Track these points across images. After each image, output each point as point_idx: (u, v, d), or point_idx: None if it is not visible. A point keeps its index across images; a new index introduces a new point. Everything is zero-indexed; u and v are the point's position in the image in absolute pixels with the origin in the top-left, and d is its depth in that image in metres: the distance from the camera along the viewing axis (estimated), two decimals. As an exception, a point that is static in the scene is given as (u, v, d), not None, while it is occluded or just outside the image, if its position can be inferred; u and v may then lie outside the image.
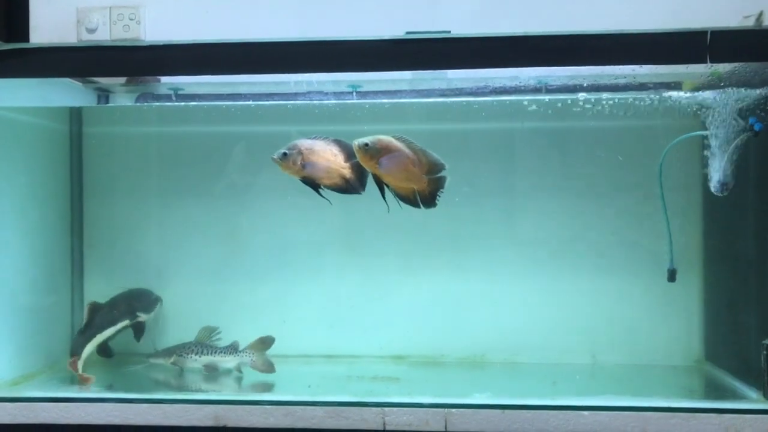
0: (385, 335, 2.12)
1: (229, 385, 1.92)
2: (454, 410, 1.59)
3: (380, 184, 1.69)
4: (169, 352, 1.98)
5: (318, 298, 2.14)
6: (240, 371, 1.94)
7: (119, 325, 1.98)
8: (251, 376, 1.93)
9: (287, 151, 1.69)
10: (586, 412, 1.57)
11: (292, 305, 2.14)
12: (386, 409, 1.60)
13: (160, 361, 1.98)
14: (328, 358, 2.11)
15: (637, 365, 2.00)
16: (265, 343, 1.95)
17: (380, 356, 2.10)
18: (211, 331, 1.98)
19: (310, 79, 1.85)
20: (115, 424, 1.64)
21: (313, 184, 1.72)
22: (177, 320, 2.13)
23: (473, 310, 2.09)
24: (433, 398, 1.64)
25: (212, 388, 1.90)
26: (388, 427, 1.59)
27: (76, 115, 2.20)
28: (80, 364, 1.88)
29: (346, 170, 1.72)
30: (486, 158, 2.08)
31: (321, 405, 1.62)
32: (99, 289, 2.15)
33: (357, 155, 1.66)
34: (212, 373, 1.93)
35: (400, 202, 1.71)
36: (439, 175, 1.72)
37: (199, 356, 1.95)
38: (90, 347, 1.93)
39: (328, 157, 1.71)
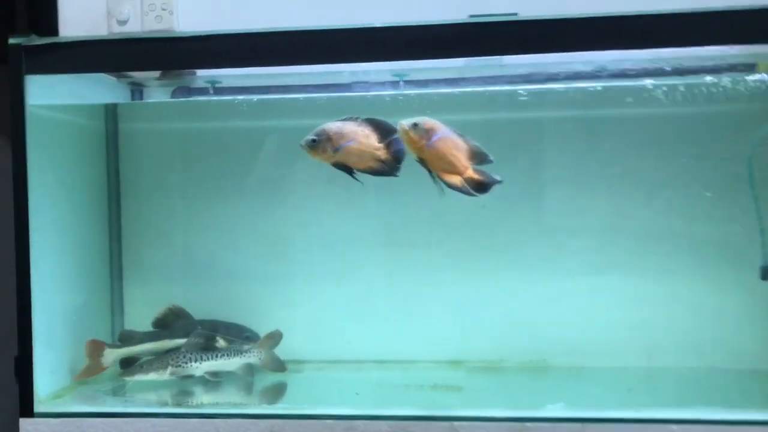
0: (440, 339, 1.99)
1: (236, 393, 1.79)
2: (529, 424, 1.48)
3: (427, 168, 1.60)
4: (161, 364, 1.76)
5: (366, 300, 2.02)
6: (251, 375, 1.81)
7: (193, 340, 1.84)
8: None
9: (316, 137, 1.59)
10: (674, 426, 1.44)
11: (339, 307, 2.03)
12: (456, 423, 1.49)
13: (152, 376, 1.75)
14: (380, 363, 1.99)
15: (717, 369, 1.85)
16: (274, 338, 1.83)
17: (436, 361, 1.98)
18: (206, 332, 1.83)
19: (359, 68, 1.75)
20: (165, 440, 1.55)
21: (346, 168, 1.63)
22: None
23: (533, 310, 1.96)
24: (506, 410, 1.52)
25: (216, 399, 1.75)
26: (459, 443, 1.49)
27: (111, 111, 2.10)
28: (112, 356, 1.78)
29: (380, 152, 1.62)
30: (549, 147, 1.95)
31: (385, 419, 1.51)
32: (139, 294, 2.07)
33: (402, 137, 1.58)
34: (215, 379, 1.77)
35: (446, 188, 1.60)
36: (484, 165, 1.62)
37: (199, 362, 1.77)
38: (150, 346, 1.83)
39: (360, 140, 1.61)
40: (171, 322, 1.88)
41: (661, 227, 1.91)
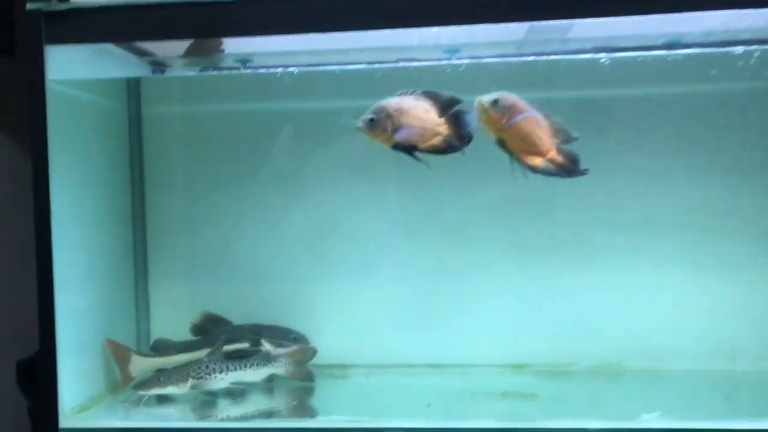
0: (500, 340, 1.81)
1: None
2: (631, 437, 1.30)
3: (508, 150, 1.42)
4: (180, 376, 1.59)
5: (418, 298, 1.84)
6: (271, 380, 1.65)
7: (236, 345, 1.67)
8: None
9: (374, 116, 1.42)
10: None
11: (388, 307, 1.84)
12: (549, 438, 1.31)
13: (170, 389, 1.58)
14: (434, 368, 1.81)
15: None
16: (306, 353, 1.68)
17: (496, 365, 1.80)
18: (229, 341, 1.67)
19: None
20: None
21: (407, 149, 1.45)
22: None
23: (605, 308, 1.78)
24: (600, 421, 1.34)
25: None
26: (554, 461, 1.30)
27: (134, 93, 1.90)
28: (140, 365, 1.63)
29: (442, 127, 1.45)
30: (623, 130, 1.76)
31: (467, 433, 1.33)
32: (166, 292, 1.89)
33: (480, 116, 1.41)
34: (240, 387, 1.61)
35: (527, 172, 1.43)
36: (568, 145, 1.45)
37: (225, 373, 1.60)
38: (187, 356, 1.65)
39: (421, 116, 1.44)
40: (209, 329, 1.68)
41: (747, 223, 1.73)
